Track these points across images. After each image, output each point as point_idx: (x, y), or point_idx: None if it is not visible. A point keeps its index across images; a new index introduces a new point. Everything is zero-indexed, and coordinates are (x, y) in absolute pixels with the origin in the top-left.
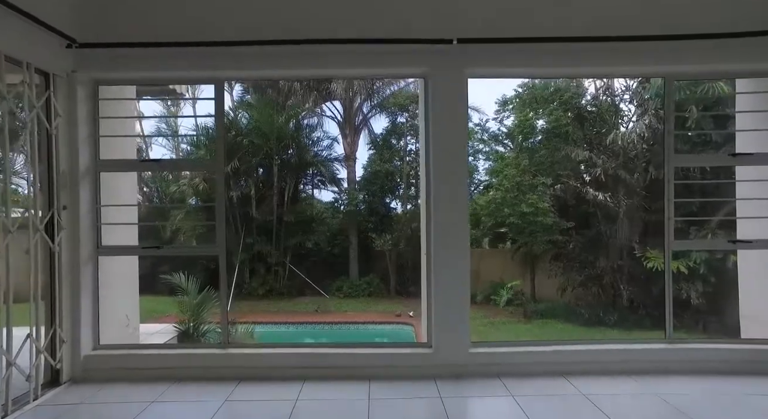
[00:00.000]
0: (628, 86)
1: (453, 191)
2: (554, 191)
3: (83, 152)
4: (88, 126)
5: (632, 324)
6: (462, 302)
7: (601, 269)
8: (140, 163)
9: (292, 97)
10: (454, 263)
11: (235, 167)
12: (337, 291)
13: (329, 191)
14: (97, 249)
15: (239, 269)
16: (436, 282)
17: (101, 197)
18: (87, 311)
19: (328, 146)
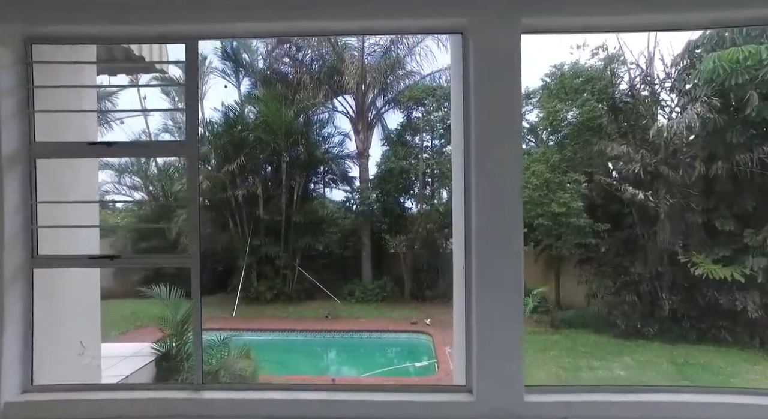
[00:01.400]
0: (669, 73)
1: (502, 187)
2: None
3: (8, 133)
4: (16, 98)
5: (676, 336)
6: (514, 333)
7: (638, 275)
8: (88, 147)
9: (301, 91)
10: (503, 280)
11: (241, 164)
12: (349, 296)
13: (341, 190)
14: (31, 259)
15: (245, 272)
16: (479, 306)
17: (38, 191)
18: (13, 342)
19: (340, 143)
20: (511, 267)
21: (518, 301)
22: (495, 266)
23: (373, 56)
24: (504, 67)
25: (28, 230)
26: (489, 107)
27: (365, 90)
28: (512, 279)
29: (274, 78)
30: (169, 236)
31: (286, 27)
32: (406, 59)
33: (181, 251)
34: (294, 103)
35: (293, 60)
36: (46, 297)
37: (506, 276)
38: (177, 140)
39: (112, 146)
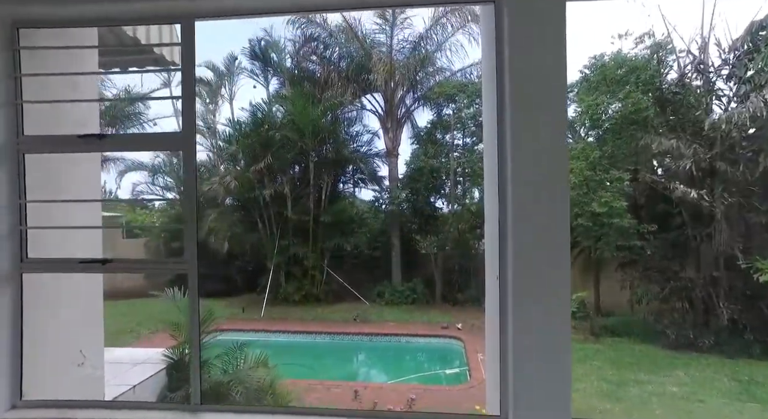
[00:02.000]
0: (726, 60)
1: (545, 185)
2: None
3: None
4: (2, 89)
5: (736, 350)
6: (560, 355)
7: (690, 281)
8: (78, 140)
9: (329, 90)
10: (546, 292)
11: (268, 164)
12: (378, 298)
13: (369, 189)
14: (20, 263)
15: (274, 272)
16: (517, 322)
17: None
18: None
19: (368, 141)
20: (556, 277)
21: (564, 316)
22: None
23: (402, 53)
24: (545, 42)
25: (17, 232)
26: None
27: (394, 87)
28: (557, 291)
29: (301, 77)
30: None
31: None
32: (436, 55)
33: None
34: (321, 101)
35: (321, 58)
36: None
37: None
38: (174, 132)
39: (103, 139)
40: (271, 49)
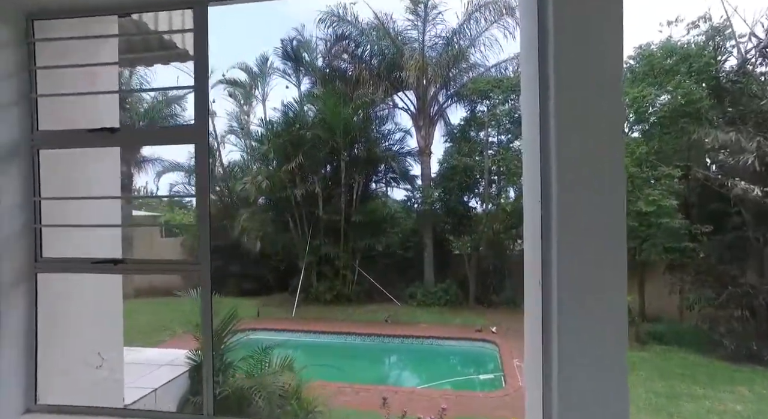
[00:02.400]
0: None
1: (598, 182)
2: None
3: (7, 121)
4: (17, 82)
5: None
6: (615, 369)
7: (751, 287)
8: (89, 134)
9: (360, 88)
10: (599, 301)
11: (300, 163)
12: (410, 299)
13: (401, 188)
14: (34, 263)
15: (305, 272)
16: (564, 329)
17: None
18: (12, 356)
19: (400, 140)
20: (613, 287)
21: (621, 329)
22: (586, 280)
23: (435, 49)
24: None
25: (31, 231)
26: (578, 83)
27: (426, 85)
28: (613, 301)
29: (333, 76)
30: (232, 235)
31: None
32: (469, 51)
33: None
34: (353, 100)
35: (352, 56)
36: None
37: (606, 297)
38: (187, 124)
39: (115, 133)
40: (302, 49)
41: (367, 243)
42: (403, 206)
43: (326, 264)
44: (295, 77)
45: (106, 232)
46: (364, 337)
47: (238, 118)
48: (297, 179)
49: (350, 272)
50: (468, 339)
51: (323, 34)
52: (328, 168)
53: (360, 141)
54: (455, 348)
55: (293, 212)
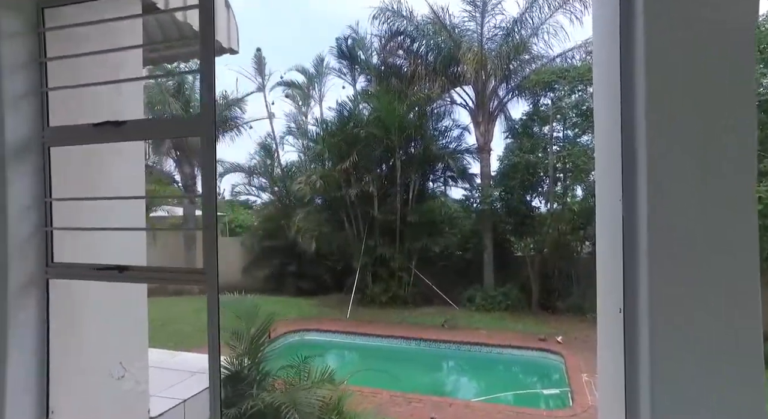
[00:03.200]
0: None
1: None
2: None
3: (16, 117)
4: (27, 75)
5: None
6: None
7: None
8: (94, 129)
9: (416, 84)
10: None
11: (354, 162)
12: (469, 302)
13: (459, 187)
14: (45, 268)
15: (360, 273)
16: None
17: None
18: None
19: (458, 137)
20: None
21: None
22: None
23: (494, 41)
24: None
25: (42, 234)
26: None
27: (485, 79)
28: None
29: (388, 73)
30: (289, 234)
31: None
32: (532, 41)
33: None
34: (408, 97)
35: (407, 52)
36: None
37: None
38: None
39: (121, 127)
40: (357, 47)
41: (423, 244)
42: (462, 205)
43: (382, 265)
44: (351, 76)
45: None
46: (420, 342)
47: (296, 119)
48: (352, 178)
49: (406, 274)
50: (530, 348)
51: (378, 30)
52: (384, 167)
53: (416, 139)
54: (516, 357)
55: (348, 212)
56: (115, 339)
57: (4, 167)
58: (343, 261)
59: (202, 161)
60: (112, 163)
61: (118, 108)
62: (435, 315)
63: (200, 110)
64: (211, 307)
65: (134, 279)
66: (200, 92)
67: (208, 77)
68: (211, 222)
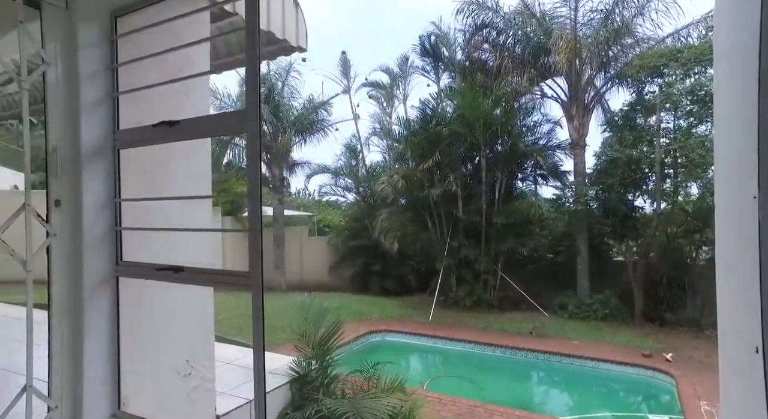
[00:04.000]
0: None
1: None
2: None
3: (90, 122)
4: (101, 81)
5: None
6: None
7: None
8: (152, 130)
9: (503, 79)
10: None
11: (437, 161)
12: (560, 310)
13: (550, 186)
14: (115, 266)
15: (444, 274)
16: None
17: (121, 187)
18: (96, 360)
19: (549, 132)
20: None
21: None
22: None
23: (590, 26)
24: None
25: (113, 233)
26: None
27: (580, 68)
28: None
29: (473, 68)
30: (373, 234)
31: None
32: (636, 22)
33: (384, 250)
34: (493, 91)
35: (493, 46)
36: (145, 308)
37: None
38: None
39: (175, 126)
40: (441, 43)
41: (510, 246)
42: (552, 205)
43: (466, 267)
44: (434, 73)
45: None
46: (505, 349)
47: (380, 119)
48: (435, 178)
49: (492, 277)
50: (633, 364)
51: (462, 25)
52: (468, 166)
53: (502, 136)
54: (616, 374)
55: (431, 212)
56: (182, 337)
57: (80, 170)
58: (426, 262)
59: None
60: (178, 164)
61: (185, 110)
62: (522, 321)
63: (246, 106)
64: (255, 309)
65: (187, 280)
66: (246, 88)
67: (252, 73)
68: (257, 224)
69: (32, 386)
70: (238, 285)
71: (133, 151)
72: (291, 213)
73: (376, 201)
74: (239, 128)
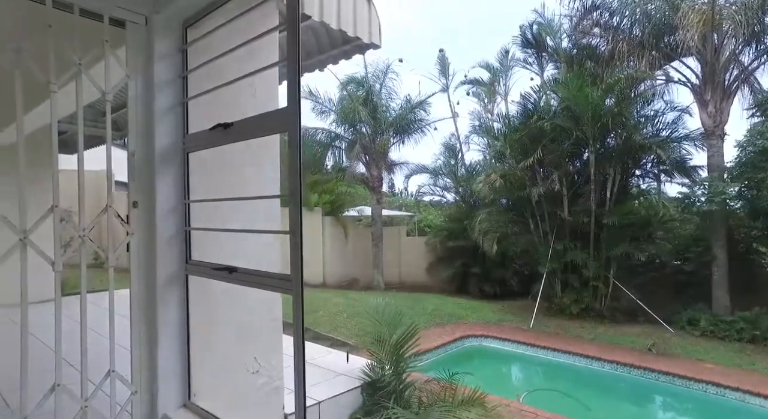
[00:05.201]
0: None
1: None
2: None
3: (163, 127)
4: (173, 89)
5: None
6: None
7: None
8: (210, 133)
9: (616, 65)
10: None
11: (539, 158)
12: (689, 325)
13: (676, 183)
14: (185, 264)
15: (547, 279)
16: None
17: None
18: (169, 353)
19: (674, 121)
20: None
21: None
22: None
23: None
24: None
25: (183, 233)
26: None
27: (718, 44)
28: None
29: (581, 56)
30: (471, 235)
31: None
32: None
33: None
34: (603, 80)
35: (605, 29)
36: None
37: None
38: (280, 109)
39: (229, 128)
40: (544, 32)
41: (624, 251)
42: (679, 205)
43: (572, 272)
44: (537, 65)
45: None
46: (617, 365)
47: (480, 116)
48: (537, 176)
49: (602, 284)
50: None
51: (568, 10)
52: (576, 163)
53: (614, 128)
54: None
55: (533, 213)
56: (250, 335)
57: (154, 173)
58: (528, 266)
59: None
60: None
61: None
62: (639, 335)
63: (287, 107)
64: (295, 311)
65: (239, 280)
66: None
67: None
68: (297, 227)
69: (115, 370)
70: (280, 288)
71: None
72: (392, 213)
73: (476, 201)
74: (281, 127)
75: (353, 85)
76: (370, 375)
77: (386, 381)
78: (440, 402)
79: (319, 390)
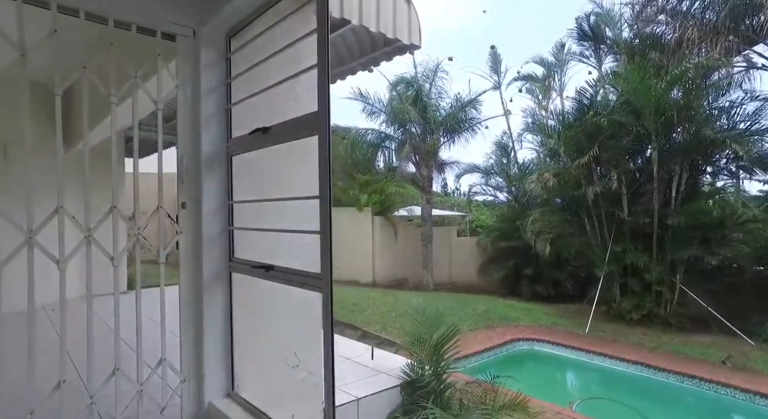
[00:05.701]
0: None
1: None
2: None
3: (208, 133)
4: (217, 96)
5: None
6: None
7: None
8: (249, 137)
9: (685, 54)
10: None
11: (595, 156)
12: None
13: (754, 180)
14: (228, 262)
15: (604, 283)
16: None
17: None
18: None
19: (754, 113)
20: None
21: None
22: None
23: None
24: None
25: (226, 232)
26: None
27: None
28: None
29: (644, 46)
30: (524, 235)
31: None
32: None
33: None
34: (669, 71)
35: (672, 15)
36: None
37: None
38: (312, 113)
39: (267, 132)
40: (602, 23)
41: (693, 254)
42: (759, 204)
43: (633, 276)
44: (595, 58)
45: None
46: (685, 377)
47: (533, 114)
48: (593, 174)
49: (667, 289)
50: None
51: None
52: (638, 160)
53: (681, 122)
54: None
55: (589, 213)
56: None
57: (200, 176)
58: (584, 268)
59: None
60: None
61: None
62: (710, 346)
63: (317, 110)
64: (325, 308)
65: (274, 278)
66: (317, 91)
67: (323, 74)
68: (326, 226)
69: (165, 359)
70: (311, 286)
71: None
72: (444, 213)
73: (529, 201)
74: (312, 130)
75: (403, 86)
76: (410, 375)
77: (425, 381)
78: (481, 405)
79: (358, 386)
